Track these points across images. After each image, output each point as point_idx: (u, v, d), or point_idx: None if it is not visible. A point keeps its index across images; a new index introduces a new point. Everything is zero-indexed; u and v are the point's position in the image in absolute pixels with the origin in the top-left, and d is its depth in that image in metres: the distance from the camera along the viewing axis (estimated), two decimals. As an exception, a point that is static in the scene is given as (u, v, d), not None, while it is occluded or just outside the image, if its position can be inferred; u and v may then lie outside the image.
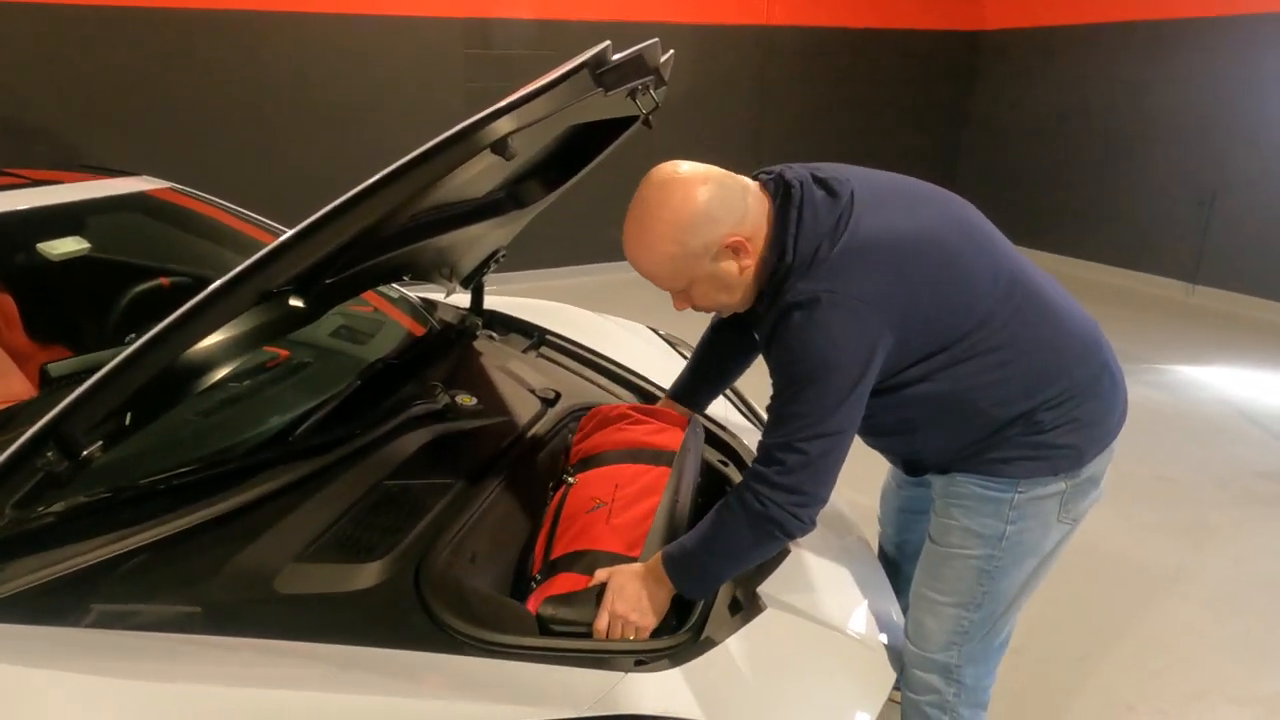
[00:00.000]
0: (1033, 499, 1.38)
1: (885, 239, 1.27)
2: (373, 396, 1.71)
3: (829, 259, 1.24)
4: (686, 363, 1.82)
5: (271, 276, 1.04)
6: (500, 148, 1.08)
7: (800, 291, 1.23)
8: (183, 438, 1.49)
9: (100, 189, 2.24)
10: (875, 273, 1.25)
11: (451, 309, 2.33)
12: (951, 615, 1.44)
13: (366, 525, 1.40)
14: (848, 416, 1.26)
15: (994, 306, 1.32)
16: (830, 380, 1.23)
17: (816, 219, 1.27)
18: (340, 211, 1.03)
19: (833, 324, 1.22)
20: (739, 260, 1.29)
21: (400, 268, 1.72)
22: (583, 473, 1.60)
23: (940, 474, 1.47)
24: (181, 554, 1.26)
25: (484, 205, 1.72)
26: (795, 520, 1.27)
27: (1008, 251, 1.39)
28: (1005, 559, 1.41)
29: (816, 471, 1.26)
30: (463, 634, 1.22)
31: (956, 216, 1.37)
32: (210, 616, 1.18)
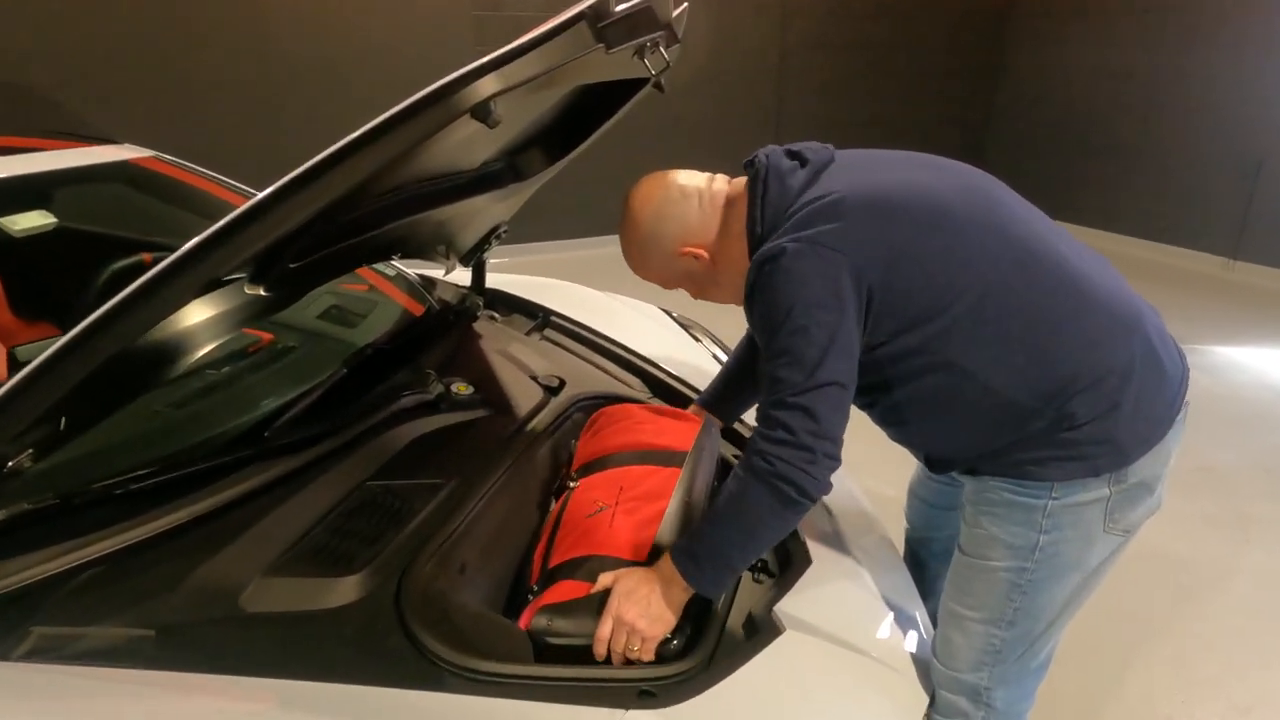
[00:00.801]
0: (1070, 506, 1.24)
1: (860, 193, 1.22)
2: (359, 386, 1.57)
3: (795, 217, 1.22)
4: (720, 369, 1.70)
5: (218, 262, 0.90)
6: (482, 113, 0.93)
7: (765, 249, 1.21)
8: (145, 434, 1.37)
9: (79, 157, 2.10)
10: (846, 222, 1.19)
11: (452, 287, 2.19)
12: (981, 633, 1.31)
13: (345, 533, 1.27)
14: (837, 365, 1.17)
15: (1005, 273, 1.20)
16: (807, 327, 1.16)
17: (782, 186, 1.26)
18: (293, 189, 0.89)
19: (798, 269, 1.17)
20: (701, 262, 1.35)
21: (388, 245, 1.57)
22: (586, 477, 1.47)
23: (969, 475, 1.33)
24: (136, 568, 1.13)
25: (480, 177, 1.57)
26: (809, 477, 1.17)
27: (1029, 219, 1.27)
28: (1040, 572, 1.27)
29: (818, 425, 1.16)
30: (444, 660, 1.09)
31: (964, 183, 1.28)
32: (164, 641, 1.05)
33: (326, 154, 0.89)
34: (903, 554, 1.70)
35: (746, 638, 1.23)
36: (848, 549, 1.49)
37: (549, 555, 1.34)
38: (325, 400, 1.50)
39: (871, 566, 1.47)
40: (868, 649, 1.28)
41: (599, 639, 1.18)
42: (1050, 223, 1.31)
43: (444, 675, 1.08)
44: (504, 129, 1.43)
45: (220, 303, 1.07)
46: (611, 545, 1.30)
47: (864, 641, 1.29)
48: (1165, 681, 2.15)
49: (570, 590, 1.26)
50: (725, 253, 1.34)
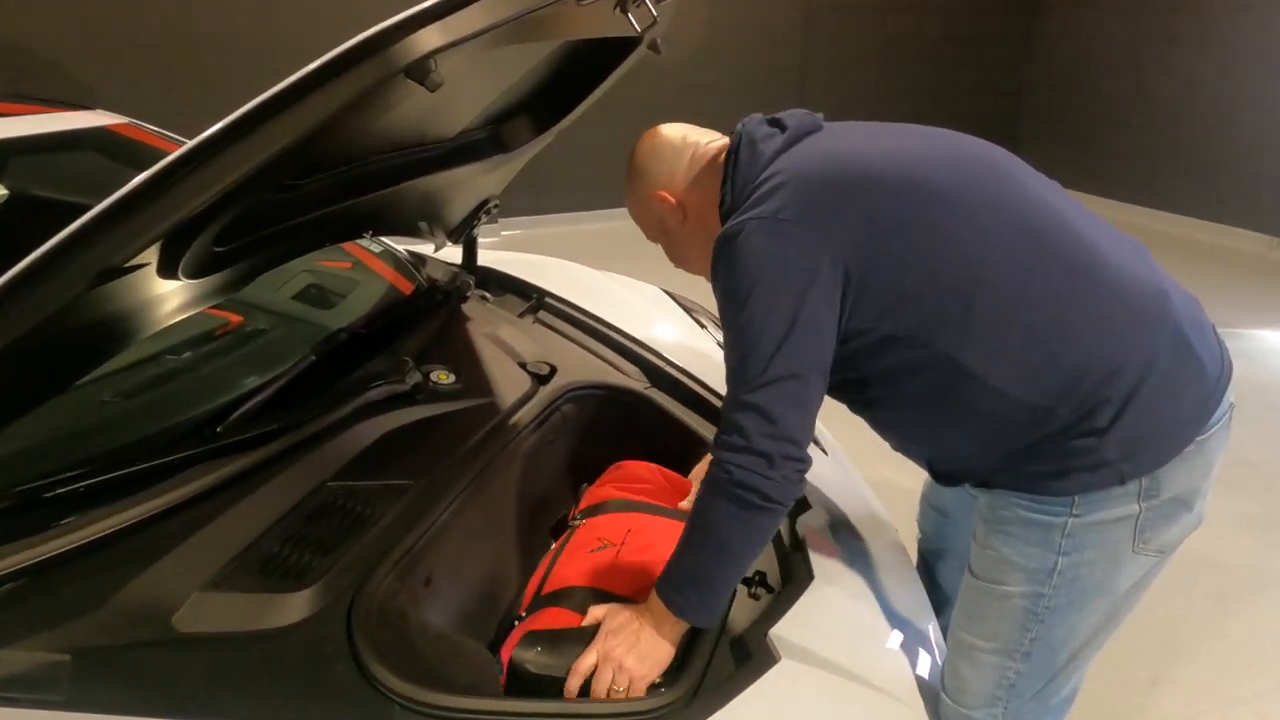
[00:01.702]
0: (1093, 524, 1.09)
1: (834, 162, 1.13)
2: (327, 375, 1.45)
3: (762, 189, 1.12)
4: None
5: (108, 251, 0.78)
6: (419, 72, 0.79)
7: (726, 227, 1.12)
8: (77, 430, 1.25)
9: (50, 123, 1.98)
10: (814, 195, 1.09)
11: (443, 265, 2.06)
12: (993, 665, 1.17)
13: (298, 540, 1.16)
14: (796, 356, 1.05)
15: (1004, 253, 1.07)
16: (764, 313, 1.05)
17: (753, 155, 1.18)
18: (184, 166, 0.76)
19: (755, 249, 1.07)
20: (675, 215, 1.29)
21: (357, 221, 1.44)
22: (591, 518, 1.36)
23: (982, 489, 1.19)
24: (58, 583, 1.02)
25: (459, 148, 1.43)
26: (770, 482, 1.05)
27: (1039, 192, 1.13)
28: (1059, 599, 1.13)
29: (774, 427, 1.04)
30: (394, 693, 0.98)
31: (956, 153, 1.16)
32: (80, 667, 0.94)
33: (222, 125, 0.75)
34: (915, 564, 1.57)
35: (737, 666, 1.11)
36: (855, 561, 1.36)
37: (544, 583, 1.23)
38: (288, 391, 1.38)
39: (880, 581, 1.33)
40: (873, 680, 1.15)
41: (577, 671, 1.07)
42: (1067, 197, 1.16)
43: (394, 710, 0.97)
44: (480, 95, 1.30)
45: (141, 292, 0.95)
46: (611, 581, 1.19)
47: (869, 671, 1.16)
48: (1198, 697, 2.01)
49: (558, 618, 1.16)
50: (699, 216, 1.27)
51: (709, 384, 1.73)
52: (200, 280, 1.01)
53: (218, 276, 1.06)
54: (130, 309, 0.99)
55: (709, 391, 1.71)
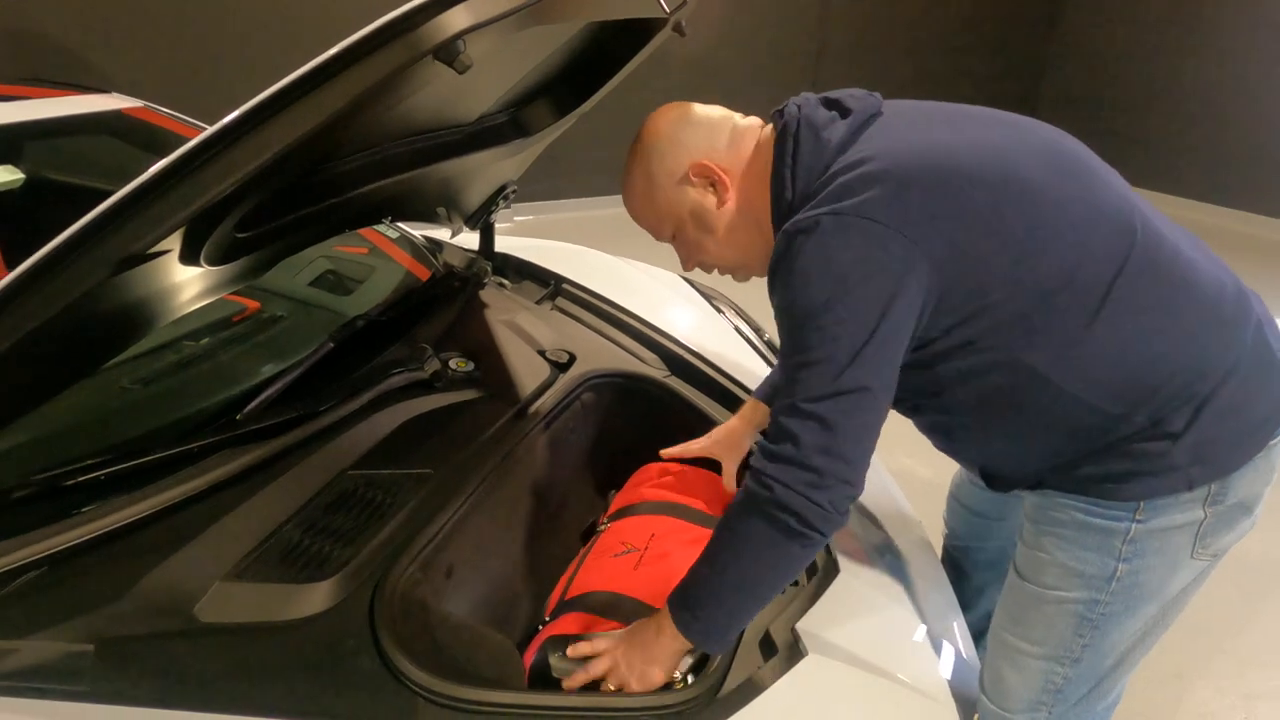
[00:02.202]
0: (1156, 531, 1.06)
1: (918, 154, 1.01)
2: (346, 362, 1.44)
3: (834, 182, 1.00)
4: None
5: (130, 238, 0.76)
6: (447, 54, 0.76)
7: (798, 220, 1.00)
8: (97, 418, 1.24)
9: (64, 107, 1.97)
10: (901, 192, 0.97)
11: (460, 251, 2.04)
12: (1039, 669, 1.14)
13: (319, 530, 1.15)
14: (871, 369, 0.97)
15: (1095, 259, 1.00)
16: (842, 319, 0.96)
17: (817, 142, 1.05)
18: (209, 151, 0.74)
19: (835, 248, 0.97)
20: (715, 194, 1.13)
21: (376, 207, 1.42)
22: (617, 521, 1.34)
23: (1030, 489, 1.15)
24: (79, 572, 1.01)
25: (478, 132, 1.40)
26: (812, 505, 0.96)
27: (1121, 191, 1.06)
28: (1115, 605, 1.09)
29: (833, 441, 0.96)
30: (419, 686, 0.97)
31: (1042, 143, 1.07)
32: (104, 658, 0.94)
33: (247, 109, 0.73)
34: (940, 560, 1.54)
35: (764, 661, 1.09)
36: (880, 554, 1.34)
37: (569, 587, 1.21)
38: (307, 378, 1.36)
39: (907, 575, 1.31)
40: (902, 675, 1.13)
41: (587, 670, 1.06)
42: (1127, 186, 1.10)
43: (418, 703, 0.96)
44: (502, 78, 1.27)
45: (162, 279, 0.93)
46: (634, 587, 1.16)
47: (898, 666, 1.14)
48: (1222, 691, 1.98)
49: (580, 623, 1.14)
50: (746, 201, 1.12)
51: (728, 371, 1.71)
52: (221, 267, 0.99)
53: (239, 263, 1.04)
54: (151, 296, 0.97)
55: (728, 379, 1.69)
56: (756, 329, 2.00)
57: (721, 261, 1.20)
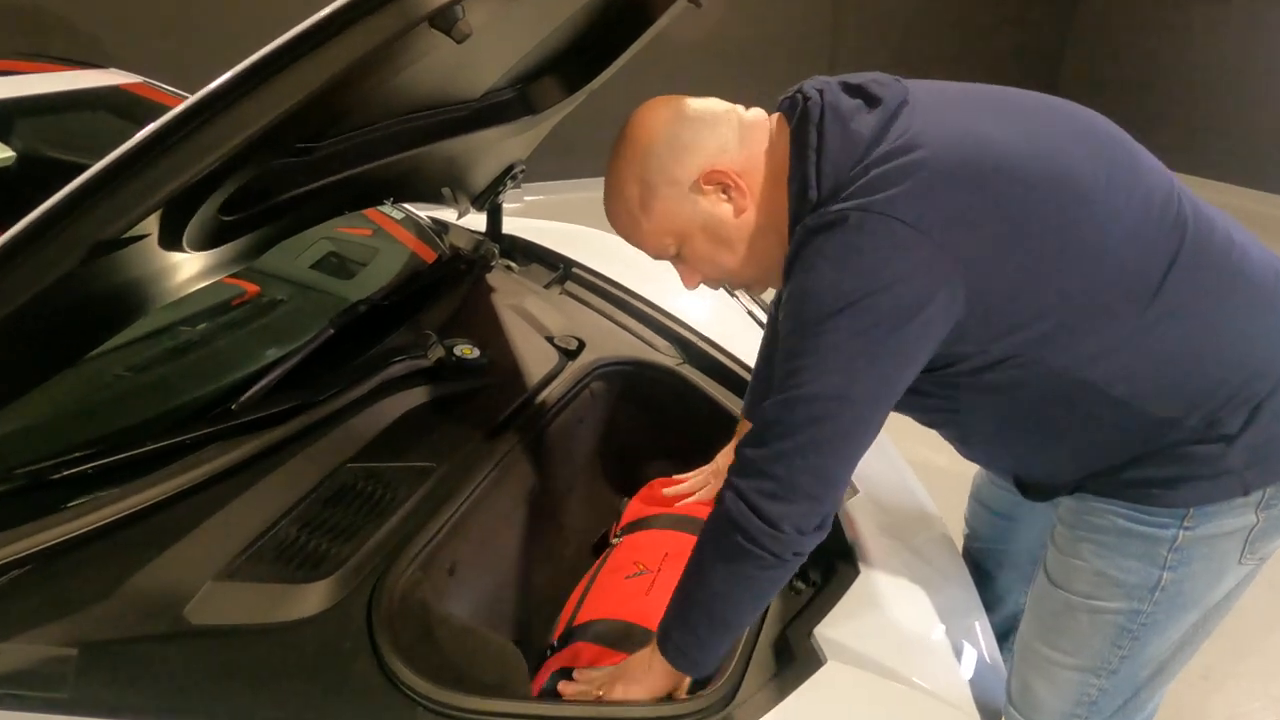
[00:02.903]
0: (1205, 538, 0.99)
1: (955, 147, 0.90)
2: (347, 349, 1.38)
3: (867, 178, 0.89)
4: (754, 375, 1.40)
5: (99, 223, 0.71)
6: (445, 22, 0.70)
7: (821, 215, 0.90)
8: (84, 408, 1.19)
9: (61, 82, 1.92)
10: (934, 191, 0.87)
11: (466, 233, 1.98)
12: (1074, 682, 1.09)
13: (316, 526, 1.10)
14: (866, 385, 0.88)
15: (1146, 254, 0.92)
16: (845, 329, 0.86)
17: (845, 135, 0.92)
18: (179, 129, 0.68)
19: (859, 250, 0.86)
20: (731, 202, 0.98)
21: (377, 188, 1.36)
22: (630, 535, 1.28)
23: (1068, 494, 1.08)
24: (63, 571, 0.97)
25: (484, 109, 1.34)
26: (759, 521, 0.88)
27: (1168, 178, 0.98)
28: (1157, 615, 1.03)
29: (803, 451, 0.88)
30: (417, 694, 0.92)
31: (1087, 130, 0.98)
32: (88, 663, 0.89)
33: (221, 83, 0.67)
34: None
35: (779, 668, 1.04)
36: (902, 554, 1.28)
37: (577, 611, 1.16)
38: (305, 366, 1.31)
39: (929, 576, 1.25)
40: (925, 683, 1.07)
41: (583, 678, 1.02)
42: (1173, 177, 1.02)
43: (416, 712, 0.91)
44: (508, 51, 1.21)
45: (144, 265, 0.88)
46: (645, 614, 1.11)
47: (920, 674, 1.09)
48: (1251, 693, 1.92)
49: (589, 655, 1.10)
50: (764, 206, 0.99)
51: (743, 359, 1.65)
52: (208, 252, 0.94)
53: (228, 248, 0.98)
54: (133, 283, 0.92)
55: (742, 367, 1.63)
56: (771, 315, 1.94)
57: (737, 278, 1.06)
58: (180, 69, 2.26)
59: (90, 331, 0.96)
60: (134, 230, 0.74)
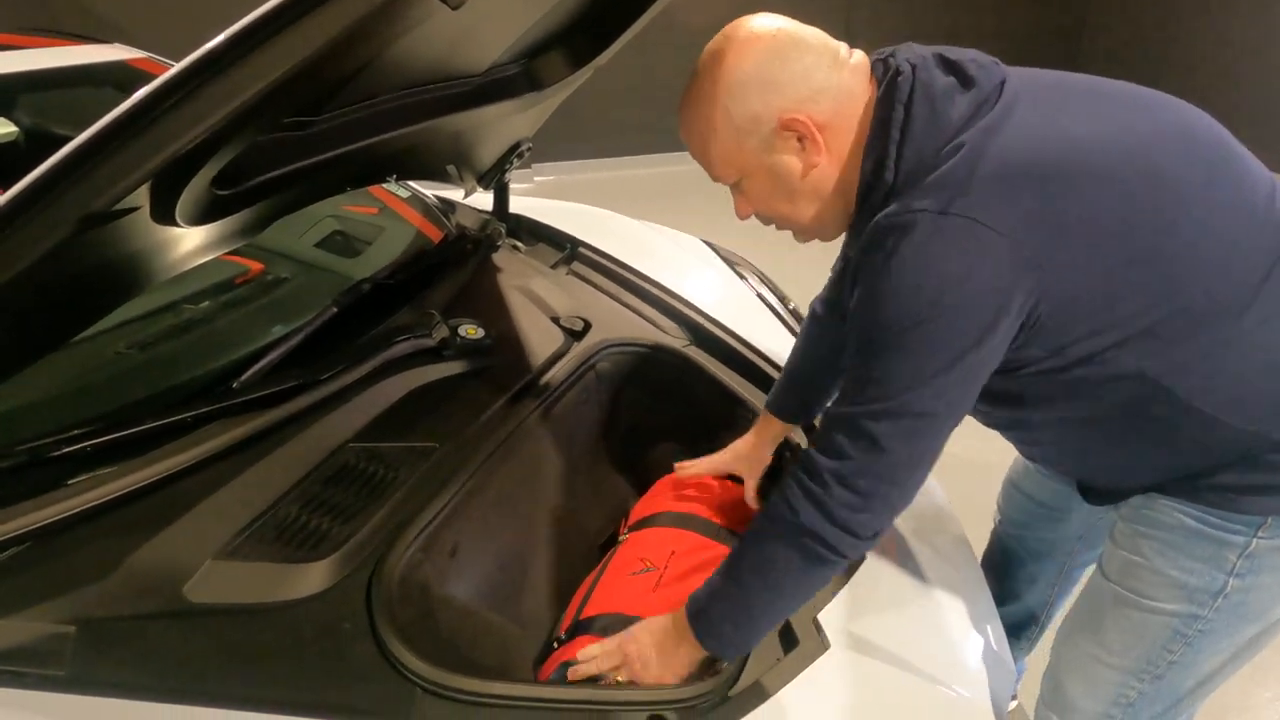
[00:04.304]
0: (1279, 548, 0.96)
1: (1043, 145, 0.85)
2: (350, 328, 1.37)
3: (945, 167, 0.85)
4: (784, 366, 1.37)
5: (87, 195, 0.69)
6: (440, -14, 0.68)
7: (896, 213, 0.86)
8: (84, 385, 1.18)
9: (67, 57, 1.90)
10: (1018, 191, 0.83)
11: (473, 212, 1.96)
12: (1114, 682, 1.06)
13: (316, 506, 1.09)
14: (946, 396, 0.86)
15: (1243, 261, 0.87)
16: (925, 340, 0.84)
17: (934, 116, 0.88)
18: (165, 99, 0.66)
19: (939, 256, 0.83)
20: (804, 154, 0.93)
21: (380, 165, 1.34)
22: (637, 532, 1.27)
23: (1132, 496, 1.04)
24: (62, 548, 0.96)
25: (487, 85, 1.31)
26: (844, 533, 0.89)
27: (1267, 178, 0.93)
28: (1215, 623, 0.99)
29: (885, 464, 0.87)
30: (416, 675, 0.91)
31: (1185, 128, 0.92)
32: (87, 640, 0.89)
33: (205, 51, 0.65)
34: (986, 549, 1.45)
35: (785, 652, 1.03)
36: (908, 542, 1.26)
37: (584, 606, 1.15)
38: (308, 345, 1.30)
39: (937, 563, 1.24)
40: (932, 671, 1.06)
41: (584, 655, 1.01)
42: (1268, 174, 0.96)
43: (415, 693, 0.91)
44: (511, 24, 1.18)
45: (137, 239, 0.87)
46: (649, 609, 1.10)
47: (926, 661, 1.07)
48: (1265, 686, 1.90)
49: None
50: (837, 161, 0.93)
51: (752, 342, 1.63)
52: (204, 227, 0.92)
53: (225, 223, 0.97)
54: (127, 258, 0.91)
55: (752, 351, 1.61)
56: (781, 297, 1.91)
57: (788, 222, 1.01)
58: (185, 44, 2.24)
59: (85, 307, 0.95)
60: (124, 203, 0.73)
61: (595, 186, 5.04)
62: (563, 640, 1.09)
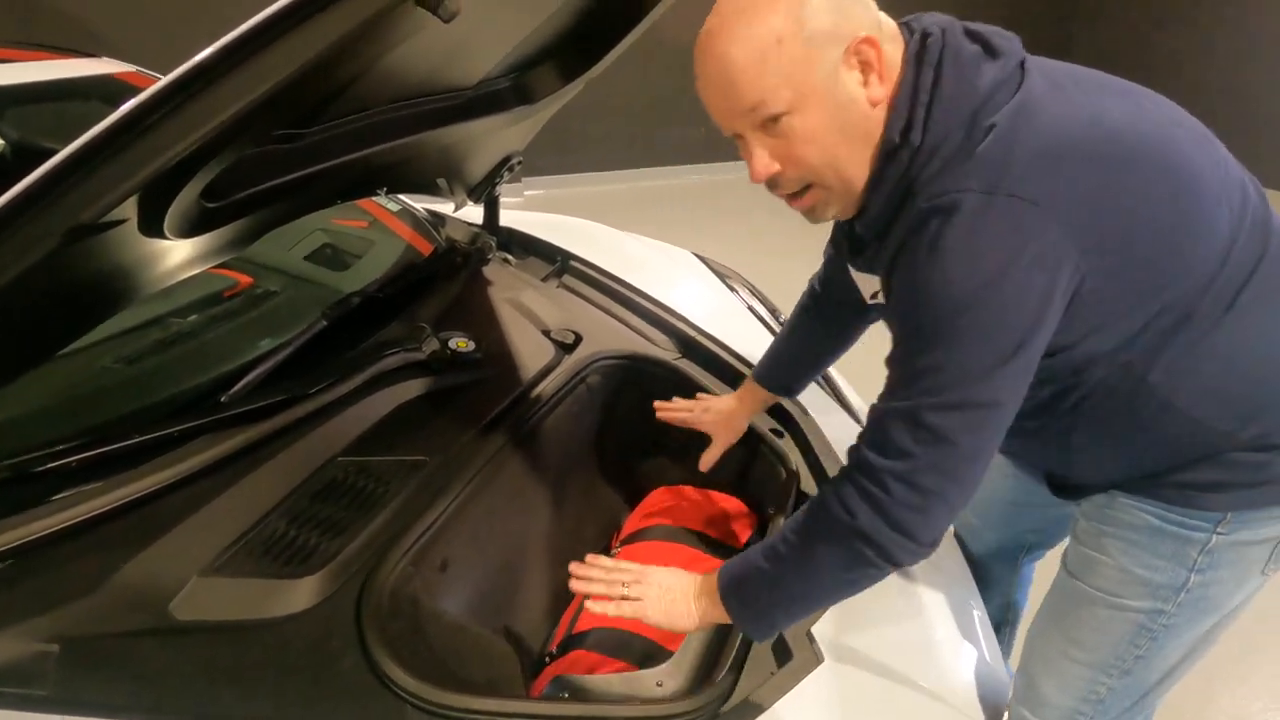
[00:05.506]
0: (1237, 544, 0.97)
1: (1076, 121, 0.83)
2: (340, 341, 1.36)
3: (983, 145, 0.82)
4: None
5: (74, 207, 0.68)
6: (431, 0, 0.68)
7: (940, 190, 0.82)
8: (75, 398, 1.17)
9: (54, 70, 1.89)
10: (1061, 167, 0.81)
11: (463, 225, 1.96)
12: (1084, 678, 1.07)
13: (305, 521, 1.08)
14: (1009, 382, 0.83)
15: (1239, 254, 0.88)
16: (985, 324, 0.81)
17: (962, 82, 0.84)
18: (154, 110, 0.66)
19: (990, 236, 0.80)
20: (866, 88, 0.85)
21: (369, 177, 1.34)
22: (628, 546, 1.26)
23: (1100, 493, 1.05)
24: (46, 565, 0.95)
25: (479, 98, 1.31)
26: (901, 536, 0.85)
27: (1244, 175, 0.94)
28: (1179, 617, 1.01)
29: (949, 459, 0.83)
30: (406, 692, 0.90)
31: (1184, 120, 0.92)
32: (70, 658, 0.87)
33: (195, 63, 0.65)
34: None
35: (777, 667, 1.02)
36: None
37: (576, 620, 1.15)
38: (297, 358, 1.29)
39: (929, 576, 1.24)
40: (925, 684, 1.06)
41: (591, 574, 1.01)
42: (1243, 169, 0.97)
43: (405, 710, 0.89)
44: (502, 38, 1.19)
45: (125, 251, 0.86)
46: (642, 624, 1.09)
47: (920, 673, 1.07)
48: (1255, 697, 1.90)
49: (587, 663, 1.08)
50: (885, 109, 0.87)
51: (743, 354, 1.63)
52: (192, 240, 0.92)
53: (214, 236, 0.96)
54: (115, 270, 0.90)
55: (742, 362, 1.61)
56: (772, 309, 1.92)
57: (820, 178, 0.89)
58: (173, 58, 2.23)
59: (73, 320, 0.94)
60: (112, 215, 0.72)
61: (585, 200, 5.04)
62: (555, 655, 1.08)
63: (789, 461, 1.36)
